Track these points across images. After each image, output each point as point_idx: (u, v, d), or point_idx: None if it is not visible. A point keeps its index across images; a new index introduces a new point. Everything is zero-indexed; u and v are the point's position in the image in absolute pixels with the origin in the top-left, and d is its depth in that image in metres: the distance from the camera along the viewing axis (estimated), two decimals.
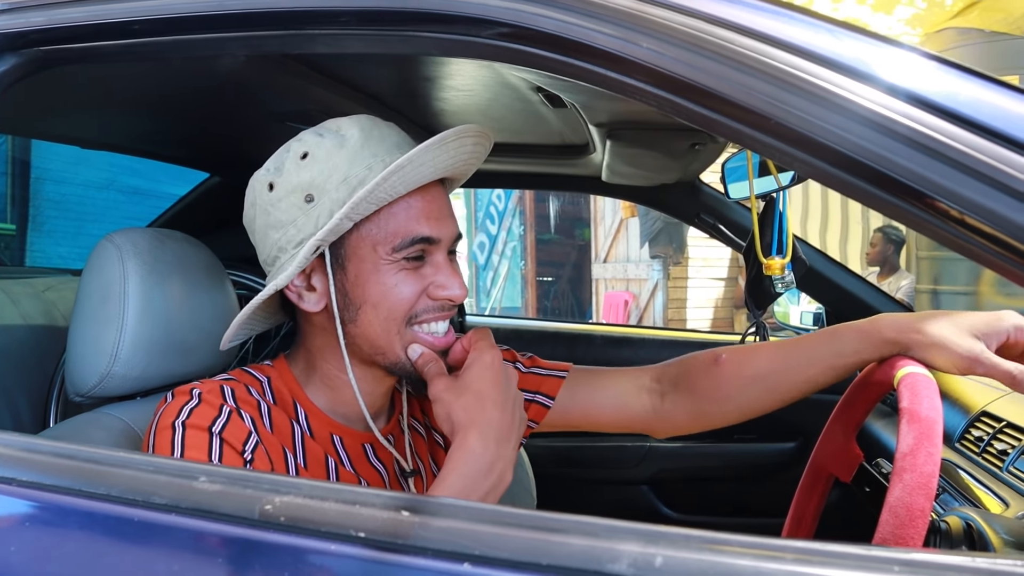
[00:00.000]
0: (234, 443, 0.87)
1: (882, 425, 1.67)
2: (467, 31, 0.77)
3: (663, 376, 1.15)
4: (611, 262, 9.27)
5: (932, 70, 0.68)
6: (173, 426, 0.87)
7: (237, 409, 0.90)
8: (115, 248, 1.09)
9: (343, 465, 0.99)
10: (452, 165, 0.95)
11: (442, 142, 0.90)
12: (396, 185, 0.89)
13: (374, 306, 0.93)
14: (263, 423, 0.92)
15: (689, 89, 0.69)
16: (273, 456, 0.91)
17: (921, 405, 0.81)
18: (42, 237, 6.45)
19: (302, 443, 0.96)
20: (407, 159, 0.87)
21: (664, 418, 1.14)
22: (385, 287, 0.92)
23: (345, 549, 0.58)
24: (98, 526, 0.66)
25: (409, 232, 0.92)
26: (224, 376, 0.97)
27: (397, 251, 0.92)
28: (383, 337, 0.94)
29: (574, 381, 1.15)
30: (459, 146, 0.93)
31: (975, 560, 0.53)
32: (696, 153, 1.75)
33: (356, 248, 0.93)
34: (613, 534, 0.55)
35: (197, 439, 0.86)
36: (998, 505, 1.13)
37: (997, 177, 0.61)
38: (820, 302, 2.07)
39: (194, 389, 0.91)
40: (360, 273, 0.93)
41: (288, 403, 0.98)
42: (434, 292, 0.94)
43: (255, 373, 0.99)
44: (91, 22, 0.90)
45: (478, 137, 0.96)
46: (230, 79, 1.39)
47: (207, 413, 0.89)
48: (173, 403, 0.90)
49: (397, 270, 0.93)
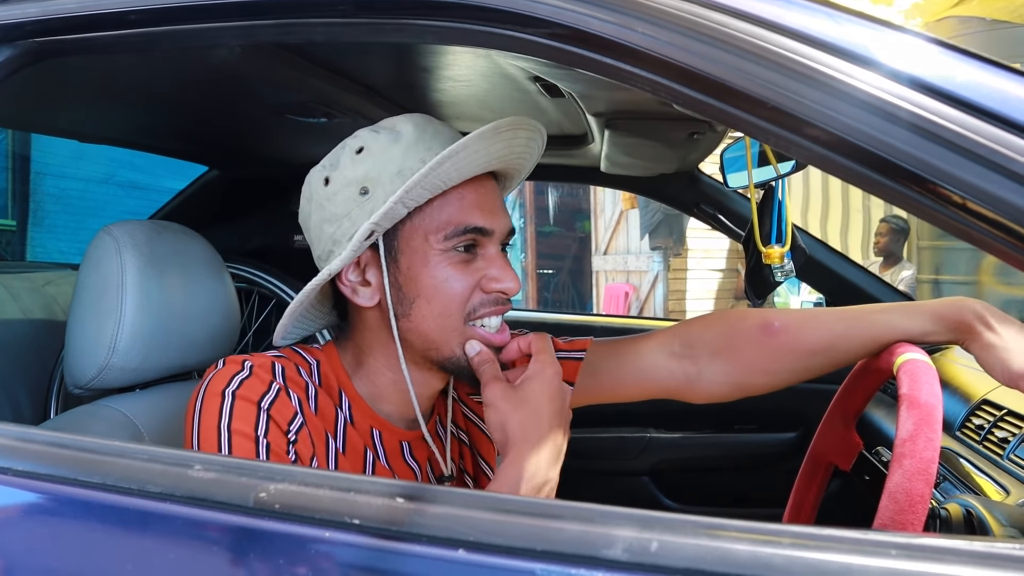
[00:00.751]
0: (280, 421, 0.87)
1: (882, 413, 1.66)
2: (462, 18, 0.76)
3: (697, 342, 1.08)
4: (611, 254, 9.27)
5: (932, 54, 0.67)
6: (223, 394, 0.87)
7: (286, 387, 0.90)
8: (113, 240, 1.09)
9: (379, 459, 0.98)
10: (505, 156, 0.95)
11: (496, 131, 0.89)
12: (450, 172, 0.89)
13: (428, 300, 0.92)
14: (309, 405, 0.92)
15: (685, 75, 0.69)
16: (316, 439, 0.91)
17: (921, 391, 0.81)
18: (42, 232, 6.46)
19: (344, 430, 0.96)
20: (461, 145, 0.87)
21: (698, 387, 1.08)
22: (437, 280, 0.92)
23: (340, 536, 0.58)
24: (93, 515, 0.66)
25: (462, 221, 0.92)
26: (275, 353, 0.96)
27: (449, 239, 0.91)
28: (437, 332, 0.93)
29: (595, 359, 1.11)
30: (512, 136, 0.93)
31: (972, 544, 0.53)
32: (695, 142, 1.75)
33: (409, 239, 0.92)
34: (608, 520, 0.54)
35: (246, 411, 0.86)
36: (999, 493, 1.13)
37: (998, 161, 0.61)
38: (820, 291, 2.07)
39: (246, 361, 0.91)
40: (412, 265, 0.92)
41: (334, 389, 0.98)
42: (487, 285, 0.94)
43: (305, 355, 0.98)
44: (87, 12, 0.90)
45: (531, 132, 0.96)
46: (228, 72, 1.39)
47: (257, 387, 0.88)
48: (224, 370, 0.89)
49: (449, 263, 0.92)
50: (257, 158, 2.10)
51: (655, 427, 2.24)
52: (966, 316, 0.92)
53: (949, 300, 0.96)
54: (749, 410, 2.20)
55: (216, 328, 1.21)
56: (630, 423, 2.24)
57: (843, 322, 1.01)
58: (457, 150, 0.87)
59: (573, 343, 1.14)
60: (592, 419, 2.28)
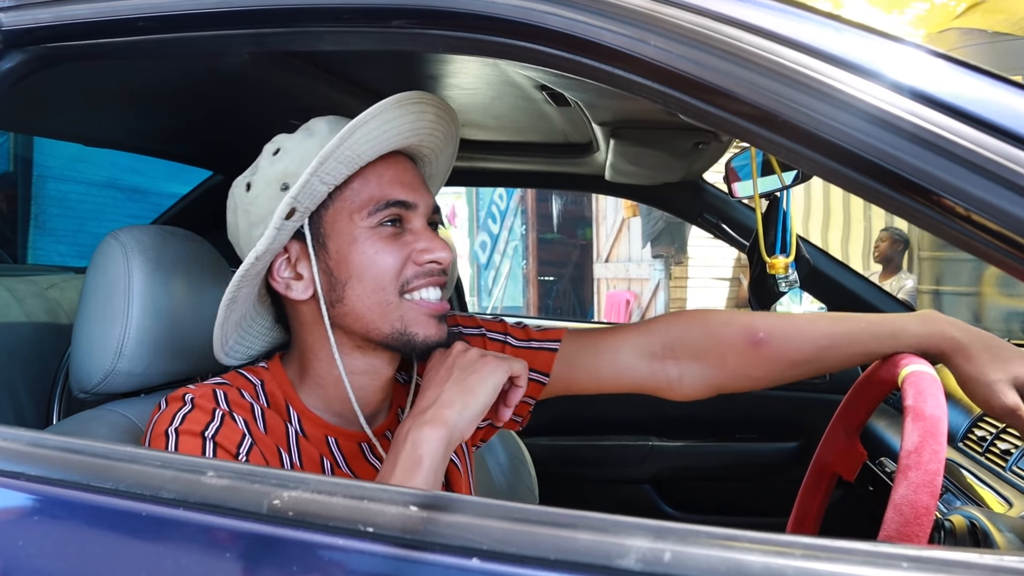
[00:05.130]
0: (228, 446, 0.88)
1: (885, 424, 1.67)
2: (474, 28, 0.77)
3: (679, 344, 1.07)
4: (613, 261, 9.27)
5: (937, 67, 0.68)
6: (167, 433, 0.88)
7: (230, 412, 0.91)
8: (120, 245, 1.10)
9: (339, 467, 0.99)
10: (415, 131, 0.96)
11: (398, 103, 0.91)
12: (360, 143, 0.90)
13: (359, 279, 0.93)
14: (256, 425, 0.93)
15: (697, 87, 0.69)
16: (268, 456, 0.91)
17: (926, 403, 0.81)
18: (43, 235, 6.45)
19: (296, 443, 0.96)
20: (368, 114, 0.88)
21: (678, 388, 1.08)
22: (365, 256, 0.93)
23: (353, 544, 0.58)
24: (106, 521, 0.67)
25: (383, 196, 0.94)
26: (217, 380, 0.97)
27: (372, 215, 0.93)
28: (374, 309, 0.94)
29: (569, 349, 1.11)
30: (420, 111, 0.95)
31: (983, 557, 0.53)
32: (700, 152, 1.75)
33: (334, 222, 0.94)
34: (621, 529, 0.55)
35: (191, 444, 0.87)
36: (1002, 505, 1.13)
37: (1003, 174, 0.61)
38: (823, 301, 2.08)
39: (187, 395, 0.91)
40: (341, 247, 0.94)
41: (281, 405, 0.98)
42: (418, 257, 0.95)
43: (249, 376, 0.99)
44: (97, 19, 0.90)
45: (439, 110, 0.98)
46: (234, 77, 1.39)
47: (200, 418, 0.89)
48: (167, 410, 0.90)
49: (377, 238, 0.94)
50: None
51: (657, 436, 2.24)
52: (943, 348, 0.95)
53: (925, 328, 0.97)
54: (750, 420, 2.21)
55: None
56: (632, 431, 2.24)
57: (830, 330, 1.02)
58: (366, 119, 0.88)
59: (546, 332, 1.13)
60: (594, 427, 2.29)
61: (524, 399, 1.11)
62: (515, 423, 1.16)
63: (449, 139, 1.05)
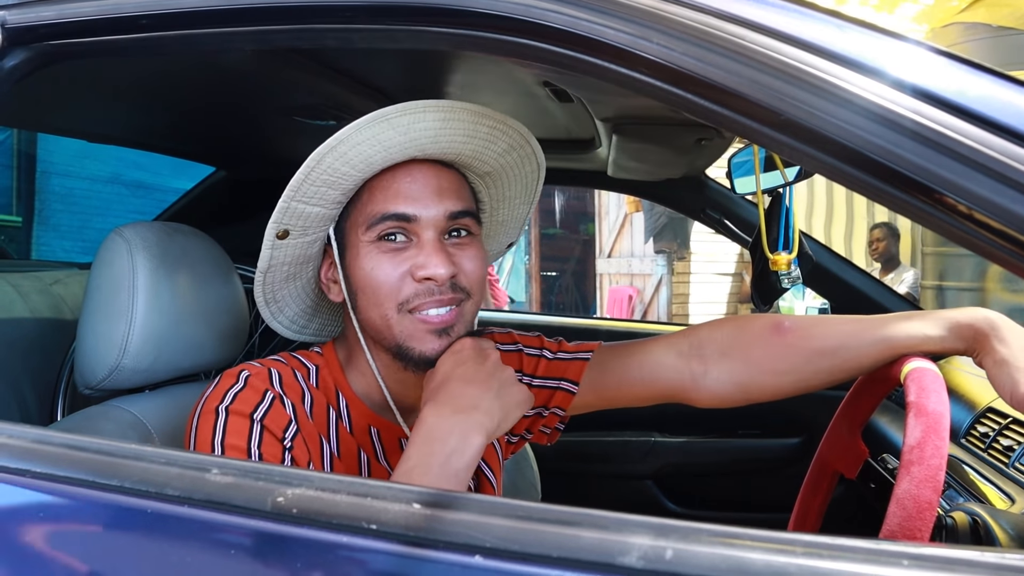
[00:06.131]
0: (275, 430, 0.89)
1: (887, 421, 1.67)
2: (477, 26, 0.77)
3: (706, 341, 1.07)
4: (615, 257, 9.27)
5: (940, 65, 0.68)
6: (216, 411, 0.89)
7: (281, 395, 0.92)
8: (124, 242, 1.10)
9: (376, 459, 1.00)
10: (405, 142, 0.91)
11: (381, 118, 0.88)
12: (335, 164, 0.89)
13: (362, 291, 0.95)
14: (304, 412, 0.94)
15: (699, 84, 0.69)
16: (311, 445, 0.93)
17: (929, 399, 0.81)
18: (47, 231, 6.46)
19: (337, 432, 0.97)
20: (337, 138, 0.87)
21: (704, 386, 1.07)
22: (365, 271, 0.94)
23: (357, 541, 0.59)
24: (111, 517, 0.67)
25: (380, 210, 0.93)
26: (274, 358, 0.98)
27: (371, 229, 0.93)
28: (378, 322, 0.95)
29: (602, 360, 1.11)
30: (411, 121, 0.89)
31: (984, 554, 0.53)
32: (702, 148, 1.75)
33: (347, 235, 0.96)
34: (624, 527, 0.55)
35: (239, 425, 0.88)
36: (1004, 501, 1.13)
37: (1005, 172, 0.62)
38: (825, 298, 2.07)
39: (242, 372, 0.93)
40: (351, 260, 0.96)
41: (331, 391, 1.00)
42: (415, 272, 0.93)
43: (304, 360, 1.01)
44: (101, 17, 0.90)
45: (442, 112, 0.91)
46: (238, 73, 1.39)
47: (251, 398, 0.90)
48: (219, 386, 0.91)
49: (376, 252, 0.94)
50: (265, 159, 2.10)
51: (660, 431, 2.24)
52: (980, 327, 0.91)
53: (962, 310, 0.95)
54: (753, 415, 2.21)
55: (225, 329, 1.21)
56: (635, 427, 2.24)
57: (854, 324, 1.00)
58: (341, 138, 0.87)
59: (581, 345, 1.15)
60: (597, 423, 2.28)
61: (555, 410, 1.13)
62: (544, 435, 1.19)
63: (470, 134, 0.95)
